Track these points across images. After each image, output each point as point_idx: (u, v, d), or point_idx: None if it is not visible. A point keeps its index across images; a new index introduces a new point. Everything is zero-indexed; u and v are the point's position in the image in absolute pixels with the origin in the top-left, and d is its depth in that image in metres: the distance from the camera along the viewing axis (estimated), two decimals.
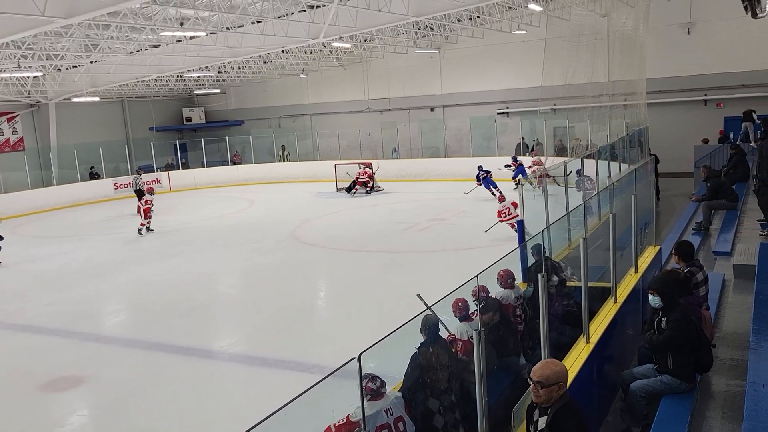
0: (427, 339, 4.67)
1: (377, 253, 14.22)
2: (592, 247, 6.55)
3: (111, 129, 31.09)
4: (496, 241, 13.64)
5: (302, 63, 28.07)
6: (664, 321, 4.98)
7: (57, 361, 8.97)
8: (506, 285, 6.17)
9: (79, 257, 15.73)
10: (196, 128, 34.40)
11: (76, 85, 25.51)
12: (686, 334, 4.88)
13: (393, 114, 29.52)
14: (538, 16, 21.82)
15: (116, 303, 12.37)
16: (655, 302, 5.07)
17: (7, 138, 27.14)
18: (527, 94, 24.62)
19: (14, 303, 11.94)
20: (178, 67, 23.54)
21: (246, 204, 22.82)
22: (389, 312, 9.91)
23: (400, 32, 23.34)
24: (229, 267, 14.25)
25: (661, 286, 5.08)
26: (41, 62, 20.08)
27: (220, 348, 9.36)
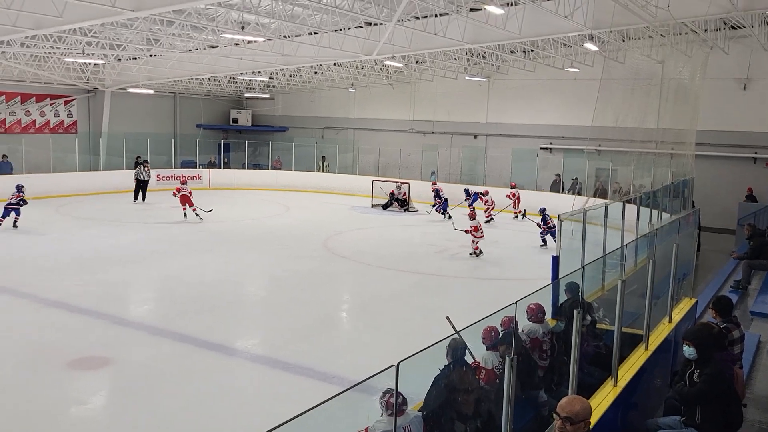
0: (452, 362, 4.68)
1: (406, 272, 14.23)
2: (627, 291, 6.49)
3: (160, 122, 31.84)
4: (526, 274, 13.56)
5: (352, 77, 28.42)
6: (696, 374, 4.90)
7: (86, 340, 9.16)
8: (536, 319, 6.15)
9: (115, 242, 16.07)
10: (241, 130, 34.97)
11: (133, 76, 26.23)
12: (718, 390, 4.80)
13: (436, 137, 29.61)
14: (593, 55, 21.77)
15: (146, 291, 12.60)
16: (690, 353, 4.99)
17: (62, 120, 27.96)
18: (573, 131, 24.51)
19: (50, 279, 12.25)
20: (232, 69, 24.04)
21: (282, 209, 23.08)
22: (412, 332, 9.93)
23: (453, 57, 23.49)
24: (258, 269, 14.41)
25: (698, 338, 5.01)
26: (103, 51, 20.70)
27: (243, 347, 9.44)
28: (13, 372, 8.02)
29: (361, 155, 30.77)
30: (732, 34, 19.57)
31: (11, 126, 25.98)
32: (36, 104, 26.82)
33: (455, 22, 16.64)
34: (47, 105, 27.26)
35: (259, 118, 35.75)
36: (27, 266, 13.25)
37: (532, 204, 23.54)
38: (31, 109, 26.64)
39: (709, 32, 17.68)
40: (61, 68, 24.78)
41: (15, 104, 26.08)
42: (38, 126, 26.99)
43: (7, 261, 13.62)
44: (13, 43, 18.43)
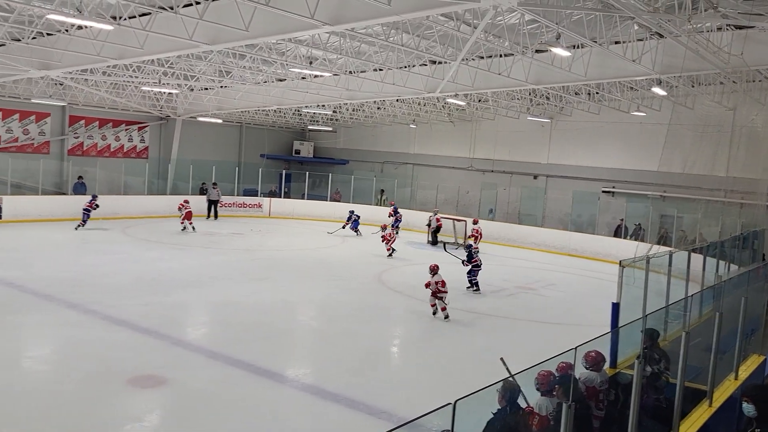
0: (506, 406, 4.61)
1: (459, 311, 14.08)
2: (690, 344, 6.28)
3: (226, 150, 32.87)
4: (583, 319, 13.25)
5: (414, 113, 28.74)
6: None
7: (145, 359, 9.42)
8: (594, 367, 5.99)
9: (177, 265, 16.55)
10: (303, 161, 35.69)
11: (203, 106, 27.27)
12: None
13: (495, 176, 29.50)
14: (660, 100, 21.41)
15: (204, 315, 12.89)
16: (749, 411, 4.77)
17: (135, 145, 29.21)
18: (636, 176, 24.03)
19: (115, 298, 12.68)
20: (297, 102, 24.70)
21: (338, 241, 23.30)
22: (462, 371, 9.82)
23: (515, 97, 23.50)
24: (311, 299, 14.55)
25: (758, 394, 4.78)
26: (178, 81, 21.65)
27: (294, 376, 9.51)
28: (76, 386, 8.30)
29: (419, 191, 30.90)
30: None
31: (88, 149, 27.30)
32: (112, 129, 28.14)
33: (520, 62, 16.70)
34: (122, 130, 28.56)
35: (321, 150, 36.44)
36: (95, 285, 13.76)
37: (592, 249, 23.15)
38: (107, 134, 27.97)
39: None
40: (138, 96, 26.00)
41: (93, 129, 27.43)
42: (113, 150, 28.26)
43: (77, 279, 14.19)
44: (95, 71, 19.47)
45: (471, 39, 13.85)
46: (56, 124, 26.18)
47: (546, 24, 12.43)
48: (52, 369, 9.15)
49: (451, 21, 13.75)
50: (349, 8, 11.42)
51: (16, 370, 8.95)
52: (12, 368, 8.92)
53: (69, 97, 24.79)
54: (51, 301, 12.21)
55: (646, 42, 14.62)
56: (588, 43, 13.53)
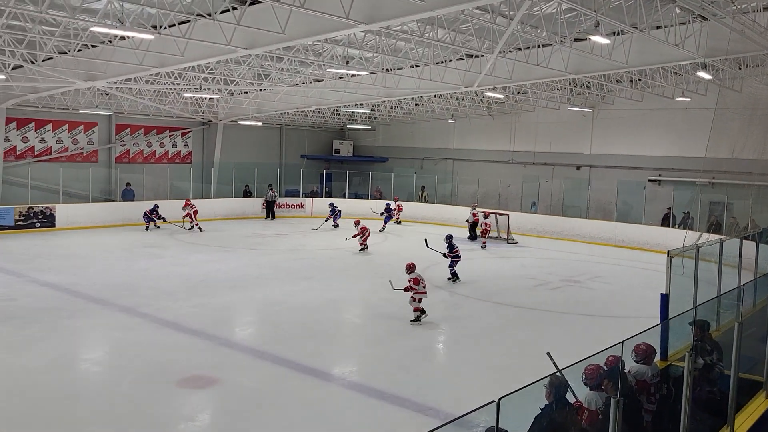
0: (555, 401, 4.57)
1: (504, 305, 14.01)
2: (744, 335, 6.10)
3: (267, 152, 33.30)
4: (631, 311, 13.01)
5: (452, 108, 28.59)
6: None
7: (195, 359, 9.64)
8: (644, 360, 5.88)
9: (223, 267, 16.86)
10: (342, 160, 35.89)
11: (244, 110, 27.67)
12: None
13: (536, 168, 29.14)
14: (705, 84, 20.81)
15: (251, 315, 13.11)
16: None
17: (179, 150, 29.84)
18: (683, 163, 23.44)
19: (164, 301, 13.00)
20: (335, 101, 24.84)
21: (380, 238, 23.37)
22: (509, 367, 9.75)
23: (555, 87, 23.15)
24: (356, 297, 14.65)
25: None
26: (218, 86, 22.01)
27: (340, 374, 9.59)
28: (130, 387, 8.55)
29: (460, 186, 30.76)
30: None
31: (135, 156, 28.00)
32: (156, 136, 28.80)
33: (558, 52, 16.44)
34: (166, 137, 29.21)
35: (361, 148, 36.57)
36: (145, 288, 14.14)
37: (640, 239, 22.68)
38: (152, 140, 28.64)
39: None
40: (180, 102, 26.54)
41: (138, 136, 28.13)
42: (158, 156, 28.93)
43: (128, 283, 14.59)
44: (139, 80, 19.95)
45: (507, 31, 13.71)
46: (103, 133, 26.93)
47: (584, 12, 12.20)
48: (106, 371, 9.44)
49: (487, 14, 13.62)
50: (384, 6, 11.43)
51: (73, 372, 9.27)
52: (68, 370, 9.25)
53: (115, 106, 25.46)
54: (104, 305, 12.59)
55: (689, 25, 14.21)
56: (628, 29, 13.23)
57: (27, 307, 12.17)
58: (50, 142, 25.22)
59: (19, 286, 13.92)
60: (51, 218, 22.28)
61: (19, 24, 13.83)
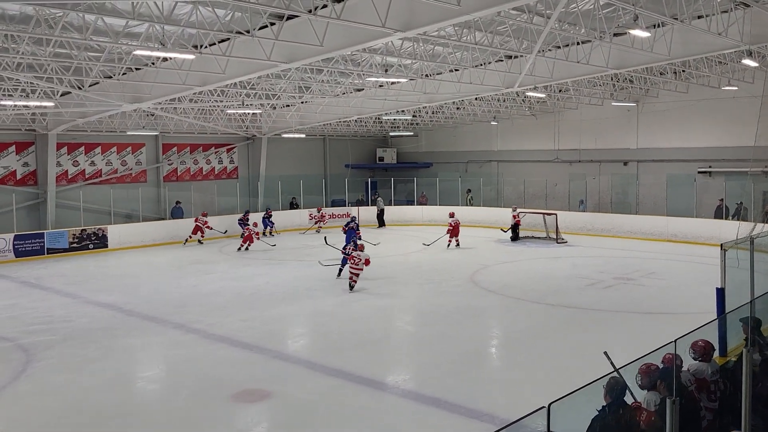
0: (613, 402, 4.48)
1: (556, 306, 13.80)
2: None
3: (312, 163, 33.70)
4: (689, 307, 12.65)
5: (494, 110, 28.40)
6: None
7: (248, 373, 9.77)
8: (703, 357, 5.73)
9: (273, 280, 17.09)
10: (387, 168, 36.01)
11: (286, 123, 28.07)
12: None
13: (582, 166, 28.68)
14: (752, 71, 20.16)
15: (301, 327, 13.24)
16: None
17: (225, 166, 30.46)
18: (734, 153, 22.75)
19: (215, 316, 13.23)
20: (377, 110, 24.96)
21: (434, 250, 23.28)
22: (565, 369, 9.58)
23: (597, 84, 22.78)
24: (406, 304, 14.65)
25: None
26: (260, 101, 22.40)
27: (393, 383, 9.59)
28: (185, 403, 8.72)
29: (506, 187, 30.50)
30: None
31: (182, 174, 28.69)
32: (202, 153, 29.46)
33: (598, 48, 16.20)
34: (212, 153, 29.84)
35: (404, 155, 36.62)
36: (197, 304, 14.40)
37: (693, 232, 22.07)
38: (198, 158, 29.30)
39: None
40: (224, 119, 27.11)
41: (185, 154, 28.83)
42: (205, 173, 29.58)
43: (180, 300, 14.91)
44: (183, 99, 20.47)
45: (545, 30, 13.56)
46: (151, 153, 27.69)
47: (622, 6, 12.01)
48: (162, 387, 9.67)
49: (524, 14, 13.51)
50: (419, 13, 11.46)
51: (129, 390, 9.51)
52: (125, 388, 9.48)
53: (161, 126, 26.18)
54: (157, 323, 12.89)
55: (732, 13, 13.81)
56: (668, 20, 12.93)
57: (83, 327, 12.54)
58: (100, 165, 26.05)
59: (75, 307, 14.36)
60: (103, 239, 22.96)
61: (65, 52, 14.36)
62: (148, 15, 11.79)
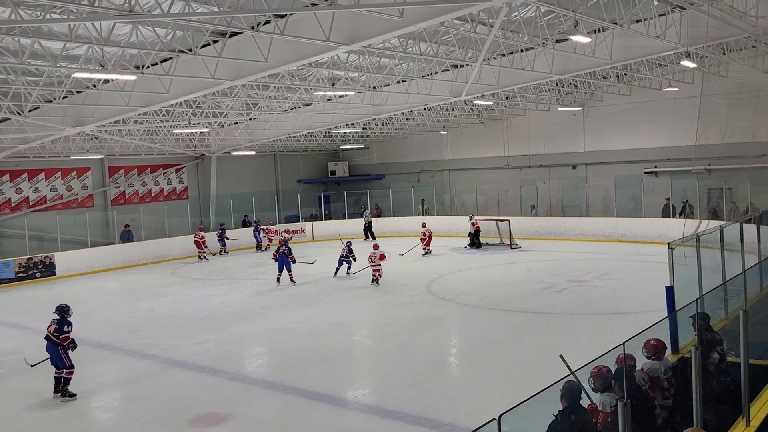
0: (568, 406, 4.49)
1: (512, 312, 13.92)
2: (753, 321, 6.03)
3: (263, 180, 33.37)
4: (642, 306, 12.90)
5: (443, 120, 28.66)
6: None
7: (205, 397, 9.53)
8: (655, 356, 5.80)
9: (228, 300, 16.77)
10: (339, 181, 35.94)
11: (235, 140, 27.74)
12: None
13: (532, 171, 29.15)
14: (692, 72, 20.85)
15: (259, 346, 13.00)
16: None
17: (174, 187, 29.89)
18: (678, 153, 23.43)
19: (171, 340, 12.89)
20: (326, 123, 24.91)
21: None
22: (523, 374, 9.64)
23: (543, 90, 23.22)
24: (364, 318, 14.56)
25: None
26: (208, 119, 22.09)
27: (354, 398, 9.49)
28: (142, 430, 8.44)
29: (459, 195, 30.76)
30: None
31: (130, 197, 28.04)
32: (151, 175, 28.85)
33: (542, 55, 16.51)
34: (160, 174, 29.25)
35: (356, 168, 36.63)
36: (151, 329, 14.01)
37: (642, 232, 22.60)
38: (146, 179, 28.69)
39: None
40: (171, 139, 26.62)
41: (132, 177, 28.18)
42: (154, 195, 28.96)
43: (133, 325, 14.48)
44: (127, 121, 20.02)
45: (489, 38, 13.74)
46: (97, 177, 26.98)
47: (562, 13, 12.25)
48: (117, 416, 9.34)
49: (467, 23, 13.68)
50: (363, 26, 11.48)
51: (84, 420, 9.17)
52: (79, 419, 9.14)
53: (106, 149, 25.53)
54: (110, 350, 12.49)
55: (669, 16, 14.26)
56: (608, 25, 13.26)
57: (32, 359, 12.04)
58: (44, 191, 25.27)
59: (23, 338, 13.80)
60: (51, 267, 22.21)
61: (2, 77, 13.90)
62: (86, 37, 11.50)
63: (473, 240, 24.05)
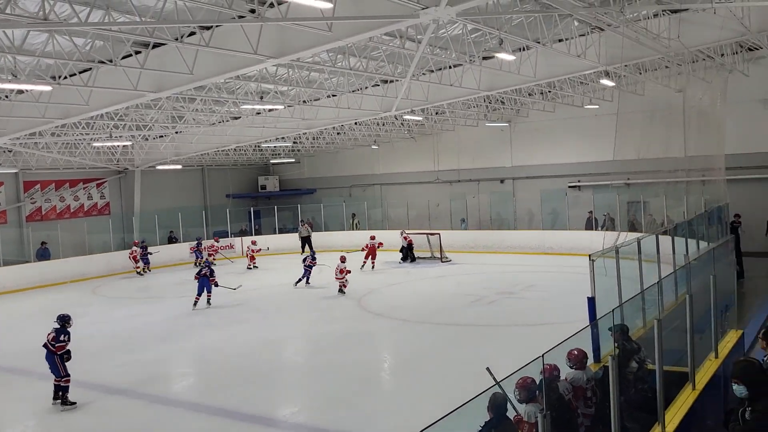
0: (493, 418, 4.51)
1: (443, 325, 14.00)
2: (668, 328, 6.25)
3: (190, 195, 32.53)
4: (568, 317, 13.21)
5: (374, 134, 28.79)
6: (749, 411, 4.63)
7: (125, 422, 9.12)
8: (578, 366, 5.92)
9: (151, 320, 16.17)
10: (270, 196, 35.48)
11: (161, 154, 27.00)
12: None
13: (462, 185, 29.64)
14: (611, 91, 21.74)
15: (184, 367, 12.58)
16: (741, 392, 4.71)
17: (95, 203, 28.76)
18: (599, 167, 24.32)
19: (88, 362, 12.24)
20: (256, 137, 24.58)
21: (315, 271, 23.02)
22: (454, 387, 9.62)
23: (471, 105, 23.68)
24: (294, 335, 14.33)
25: (745, 375, 4.73)
26: (131, 132, 21.40)
27: (283, 417, 9.30)
28: None
29: (390, 209, 30.89)
30: (750, 56, 19.42)
31: (47, 213, 26.78)
32: (70, 189, 27.68)
33: (470, 71, 16.83)
34: (80, 189, 28.11)
35: (287, 182, 36.30)
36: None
37: (567, 244, 23.28)
38: (65, 195, 27.49)
39: (726, 56, 17.57)
40: (92, 153, 25.60)
41: (50, 192, 26.95)
42: (73, 210, 27.77)
43: None
44: (44, 133, 19.15)
45: (417, 54, 13.91)
46: (11, 192, 25.67)
47: (488, 31, 12.54)
48: None
49: (396, 39, 13.79)
50: (291, 39, 11.39)
51: None
52: None
53: (21, 162, 24.35)
54: (22, 374, 11.80)
55: (588, 36, 14.84)
56: (532, 44, 13.69)
57: None
58: None
59: None
60: None
61: None
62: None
63: (406, 254, 24.16)
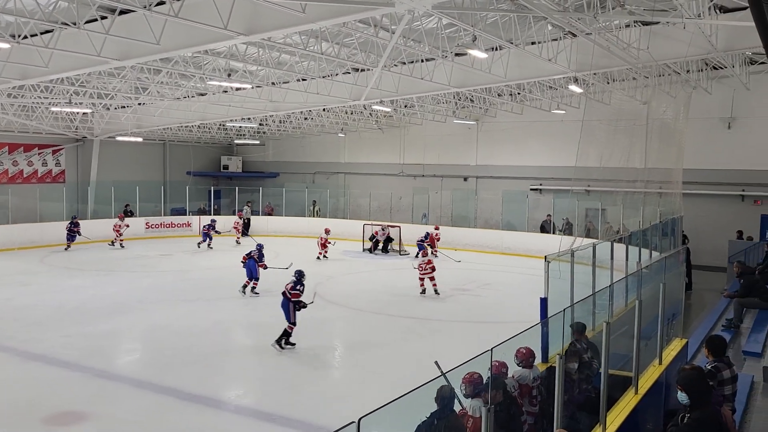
0: (438, 410, 4.52)
1: (397, 317, 14.04)
2: (617, 333, 6.36)
3: (150, 170, 31.88)
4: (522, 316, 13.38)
5: (342, 122, 28.64)
6: (687, 417, 4.73)
7: (65, 394, 8.90)
8: (525, 364, 5.99)
9: (101, 292, 15.83)
10: (232, 176, 35.03)
11: (121, 125, 26.35)
12: None
13: (426, 180, 29.73)
14: (578, 97, 22.03)
15: (131, 342, 12.33)
16: (683, 399, 4.80)
17: (50, 169, 27.94)
18: (562, 172, 24.66)
19: (31, 332, 11.97)
20: (221, 116, 24.18)
21: (271, 255, 22.80)
22: (403, 378, 9.64)
23: (440, 101, 23.74)
24: (245, 317, 14.18)
25: (689, 383, 4.82)
26: (92, 100, 20.81)
27: (228, 399, 9.21)
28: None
29: (352, 199, 30.80)
30: (714, 75, 19.87)
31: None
32: (24, 154, 26.84)
33: (441, 66, 16.83)
34: (35, 155, 27.28)
35: (250, 164, 35.86)
36: (9, 319, 12.97)
37: (524, 246, 23.57)
38: (18, 159, 26.65)
39: (691, 73, 17.96)
40: (49, 118, 24.86)
41: (2, 154, 26.08)
42: (26, 176, 26.94)
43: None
44: (0, 93, 18.49)
45: (390, 44, 13.85)
46: None
47: (463, 27, 12.54)
48: None
49: (369, 27, 13.70)
50: (264, 17, 11.19)
51: None
52: None
53: None
54: None
55: (561, 41, 14.97)
56: (505, 44, 13.73)
57: None
58: None
59: None
60: None
61: None
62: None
63: (384, 246, 24.16)
